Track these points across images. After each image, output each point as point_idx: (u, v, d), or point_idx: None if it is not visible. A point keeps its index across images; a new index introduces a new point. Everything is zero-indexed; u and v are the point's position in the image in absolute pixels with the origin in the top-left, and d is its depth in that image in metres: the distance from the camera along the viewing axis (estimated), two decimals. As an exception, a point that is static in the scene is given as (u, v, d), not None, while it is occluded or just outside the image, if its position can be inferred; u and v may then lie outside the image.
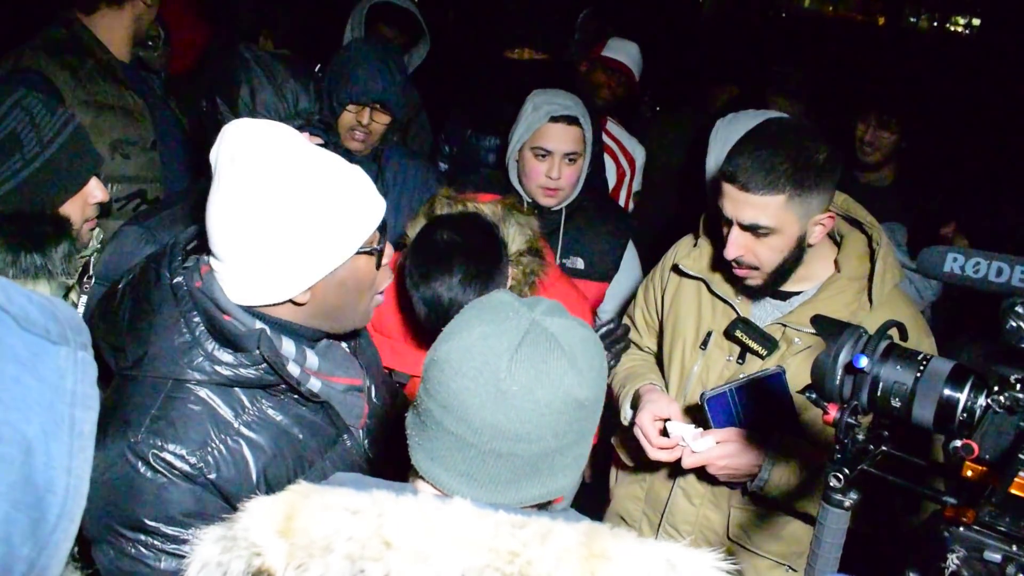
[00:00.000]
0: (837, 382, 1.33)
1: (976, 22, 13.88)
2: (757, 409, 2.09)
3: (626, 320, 2.56)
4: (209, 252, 1.60)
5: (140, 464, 1.50)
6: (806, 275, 2.15)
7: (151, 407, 1.53)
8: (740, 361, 2.17)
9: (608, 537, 1.08)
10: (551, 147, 2.83)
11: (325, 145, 2.22)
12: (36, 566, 0.83)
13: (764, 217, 1.97)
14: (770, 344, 2.10)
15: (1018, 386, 1.19)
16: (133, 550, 1.52)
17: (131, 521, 1.51)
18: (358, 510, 1.08)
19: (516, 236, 2.32)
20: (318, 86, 2.34)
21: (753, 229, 2.00)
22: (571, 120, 2.85)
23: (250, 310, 1.59)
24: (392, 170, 2.96)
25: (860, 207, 2.17)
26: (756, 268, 2.05)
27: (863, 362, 1.29)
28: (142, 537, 1.51)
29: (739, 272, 2.10)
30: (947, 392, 1.26)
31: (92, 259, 2.06)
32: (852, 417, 1.31)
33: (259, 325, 1.60)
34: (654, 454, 2.14)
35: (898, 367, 1.29)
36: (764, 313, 2.19)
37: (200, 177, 2.55)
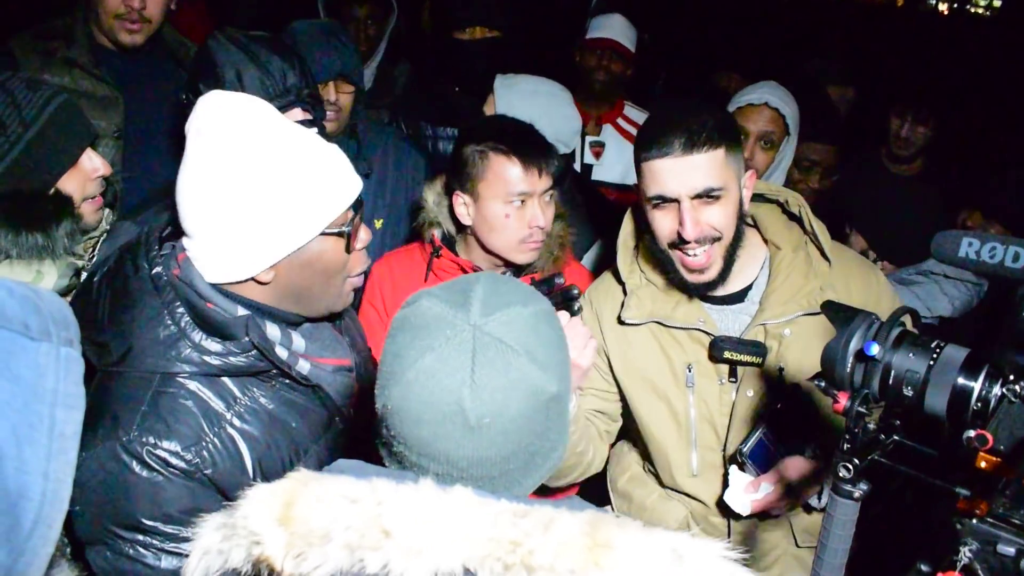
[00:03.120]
0: (848, 370, 1.30)
1: (997, 3, 13.51)
2: (789, 432, 2.02)
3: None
4: (183, 235, 1.57)
5: (134, 463, 1.47)
6: (743, 264, 2.06)
7: (141, 403, 1.50)
8: (732, 379, 2.08)
9: (612, 526, 1.06)
10: None
11: (315, 122, 2.21)
12: (13, 573, 0.80)
13: (712, 176, 1.89)
14: (760, 349, 2.00)
15: (1034, 375, 1.16)
16: (131, 550, 1.49)
17: (128, 521, 1.48)
18: (357, 498, 1.06)
19: None
20: (303, 60, 2.28)
21: (706, 195, 1.89)
22: None
23: (229, 295, 1.57)
24: (374, 147, 2.90)
25: (758, 180, 2.13)
26: (718, 239, 1.94)
27: (875, 349, 1.26)
28: (140, 537, 1.49)
29: (695, 262, 1.96)
30: (961, 381, 1.22)
31: (101, 240, 2.05)
32: (863, 406, 1.28)
33: (242, 311, 1.57)
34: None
35: (911, 355, 1.26)
36: (731, 323, 2.09)
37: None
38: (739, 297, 2.10)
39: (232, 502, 1.49)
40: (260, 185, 1.46)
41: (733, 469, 2.05)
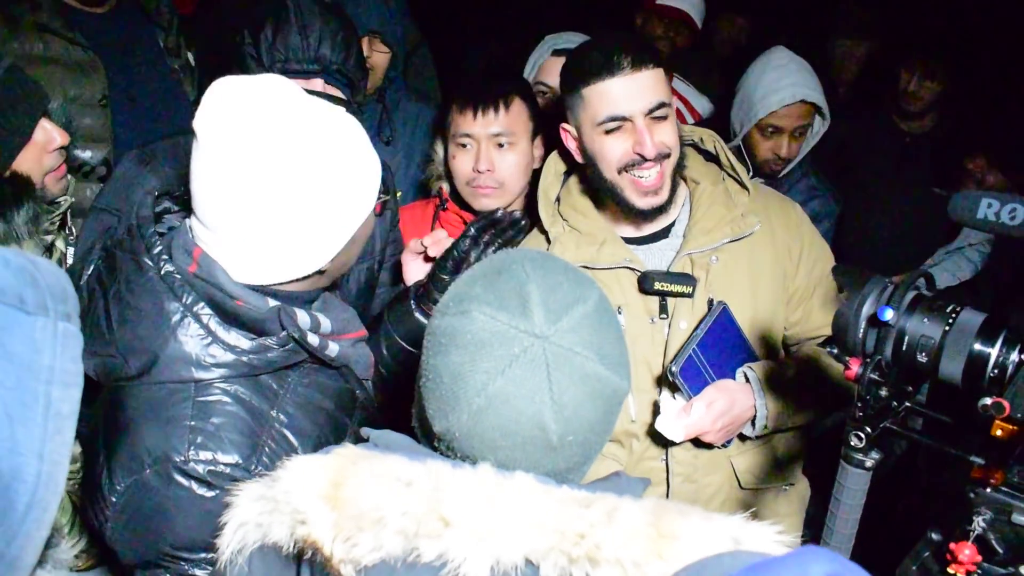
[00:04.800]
0: (860, 335, 1.26)
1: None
2: (721, 356, 2.01)
3: None
4: (191, 229, 1.48)
5: (194, 484, 1.38)
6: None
7: (184, 418, 1.40)
8: (663, 316, 2.05)
9: (675, 515, 1.01)
10: (552, 81, 2.67)
11: (344, 101, 2.11)
12: (6, 556, 0.78)
13: (660, 91, 1.94)
14: (690, 279, 2.00)
15: (1054, 341, 1.12)
16: (197, 570, 1.43)
17: (192, 542, 1.41)
18: (411, 481, 1.00)
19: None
20: (353, 38, 2.21)
21: (657, 109, 1.93)
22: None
23: (258, 288, 1.47)
24: (401, 113, 2.84)
25: None
26: (668, 155, 1.96)
27: (888, 314, 1.22)
28: (203, 555, 1.41)
29: (648, 183, 1.96)
30: (977, 347, 1.19)
31: (68, 211, 1.94)
32: (875, 372, 1.24)
33: (271, 303, 1.47)
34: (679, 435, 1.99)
35: (925, 320, 1.22)
36: (657, 260, 2.09)
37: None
38: (663, 235, 2.11)
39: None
40: (316, 180, 1.38)
41: (664, 393, 2.03)
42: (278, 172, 1.35)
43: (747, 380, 2.03)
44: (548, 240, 2.14)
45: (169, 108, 2.89)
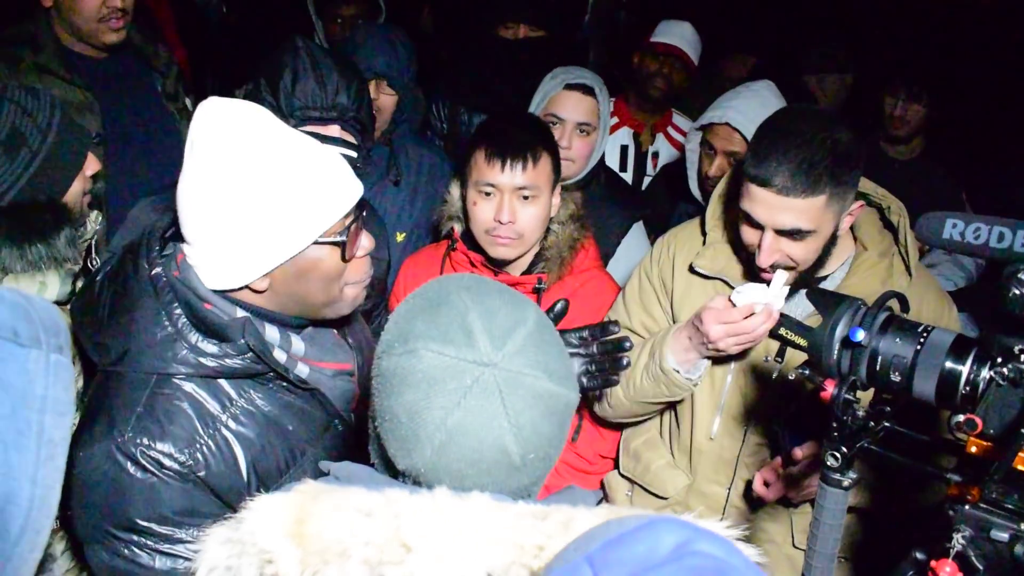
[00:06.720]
0: (834, 357, 1.28)
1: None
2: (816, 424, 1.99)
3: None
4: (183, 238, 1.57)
5: (129, 464, 1.47)
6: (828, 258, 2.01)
7: (136, 404, 1.49)
8: (779, 360, 2.02)
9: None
10: (564, 115, 2.74)
11: (357, 147, 2.22)
12: None
13: (805, 221, 1.82)
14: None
15: (1022, 356, 1.14)
16: (127, 550, 1.49)
17: (123, 522, 1.48)
18: (371, 511, 1.02)
19: (560, 205, 2.34)
20: (364, 87, 2.31)
21: (791, 234, 1.85)
22: (587, 90, 2.76)
23: (228, 297, 1.56)
24: (406, 156, 2.90)
25: (865, 179, 2.07)
26: (791, 269, 1.90)
27: (860, 335, 1.24)
28: (135, 537, 1.49)
29: (765, 275, 1.93)
30: (949, 365, 1.20)
31: (94, 241, 2.04)
32: (850, 393, 1.26)
33: (241, 313, 1.56)
34: (760, 328, 1.90)
35: (897, 339, 1.24)
36: (795, 307, 2.02)
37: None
38: (815, 284, 2.05)
39: (227, 504, 1.51)
40: (252, 194, 1.45)
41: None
42: (229, 184, 1.44)
43: None
44: (704, 243, 2.15)
45: (163, 149, 2.94)
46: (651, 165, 3.61)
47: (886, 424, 1.31)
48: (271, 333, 1.59)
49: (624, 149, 3.63)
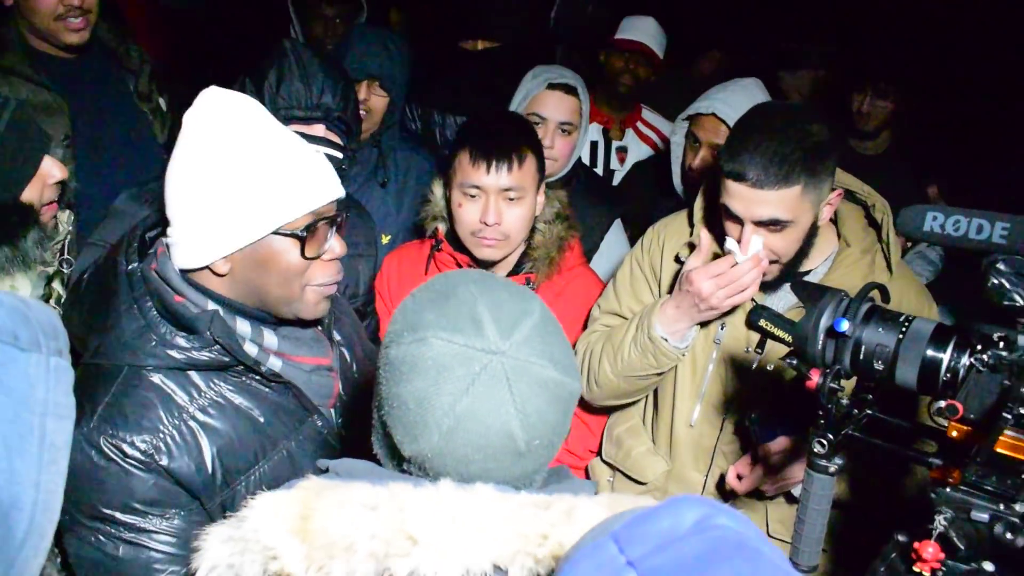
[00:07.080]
0: (819, 347, 1.32)
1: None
2: (797, 415, 1.94)
3: (595, 311, 2.39)
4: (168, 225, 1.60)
5: (93, 452, 1.49)
6: (812, 252, 2.06)
7: (104, 395, 1.53)
8: (759, 351, 2.07)
9: (630, 506, 1.05)
10: (546, 114, 2.78)
11: (342, 147, 2.24)
12: None
13: (781, 211, 1.87)
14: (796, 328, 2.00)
15: (1001, 344, 1.18)
16: (93, 538, 1.52)
17: (89, 509, 1.51)
18: (376, 505, 1.04)
19: (545, 204, 2.36)
20: (350, 88, 2.31)
21: (769, 224, 1.90)
22: (569, 89, 2.80)
23: (200, 288, 1.58)
24: (395, 159, 2.90)
25: (852, 177, 2.11)
26: (775, 262, 1.96)
27: (844, 325, 1.28)
28: (99, 525, 1.51)
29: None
30: (930, 353, 1.24)
31: (67, 242, 2.01)
32: (835, 382, 1.29)
33: (212, 306, 1.58)
34: (749, 274, 1.95)
35: (880, 329, 1.28)
36: (777, 300, 2.08)
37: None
38: (793, 278, 2.09)
39: (194, 496, 1.53)
40: (223, 176, 1.49)
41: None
42: (204, 163, 1.50)
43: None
44: (691, 232, 2.18)
45: (133, 149, 2.91)
46: (617, 160, 3.64)
47: (868, 412, 1.35)
48: (242, 327, 1.61)
49: (594, 145, 3.67)
